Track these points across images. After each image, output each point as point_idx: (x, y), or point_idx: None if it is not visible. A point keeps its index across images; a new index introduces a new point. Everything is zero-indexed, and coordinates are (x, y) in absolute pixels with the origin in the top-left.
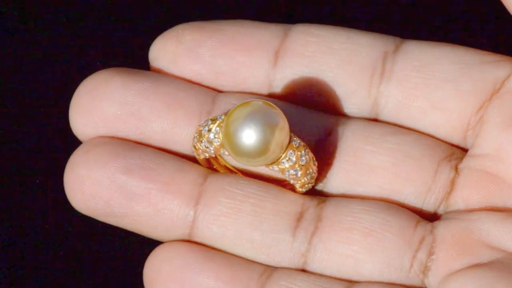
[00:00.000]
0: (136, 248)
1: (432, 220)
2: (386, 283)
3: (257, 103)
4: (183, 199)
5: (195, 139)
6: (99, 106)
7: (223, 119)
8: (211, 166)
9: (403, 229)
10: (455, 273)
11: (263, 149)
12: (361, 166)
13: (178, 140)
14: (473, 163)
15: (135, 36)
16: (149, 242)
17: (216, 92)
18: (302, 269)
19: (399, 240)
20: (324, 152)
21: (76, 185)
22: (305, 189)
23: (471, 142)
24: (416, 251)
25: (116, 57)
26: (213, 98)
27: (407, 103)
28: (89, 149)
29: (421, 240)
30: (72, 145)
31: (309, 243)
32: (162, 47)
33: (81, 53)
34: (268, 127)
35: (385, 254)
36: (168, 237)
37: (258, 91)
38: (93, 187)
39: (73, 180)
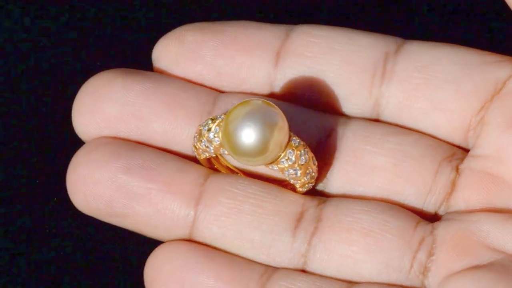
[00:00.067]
0: (137, 247)
1: (432, 220)
2: (385, 284)
3: (257, 102)
4: (184, 199)
5: (195, 138)
6: (101, 107)
7: (223, 118)
8: (212, 166)
9: (403, 230)
10: (455, 274)
11: (262, 149)
12: (361, 166)
13: (179, 140)
14: (474, 164)
15: (140, 36)
16: (150, 241)
17: (217, 92)
18: (302, 270)
19: (399, 240)
20: (324, 152)
21: (78, 185)
22: (306, 189)
23: (472, 142)
24: (415, 252)
25: (120, 58)
26: (214, 98)
27: (408, 104)
28: (91, 150)
29: (421, 241)
30: (76, 145)
31: (309, 244)
32: (164, 47)
33: (86, 53)
34: (267, 126)
35: (384, 254)
36: (168, 237)
37: (259, 91)
38: (94, 187)
39: (75, 180)
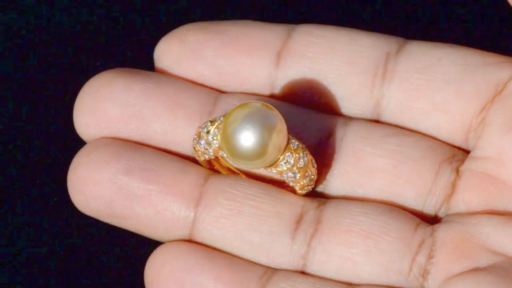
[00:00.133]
0: (137, 248)
1: (433, 222)
2: (385, 286)
3: (255, 104)
4: (184, 201)
5: (194, 140)
6: (102, 107)
7: (221, 120)
8: (212, 167)
9: (403, 232)
10: (455, 277)
11: (261, 152)
12: (361, 167)
13: (179, 141)
14: (475, 166)
15: (143, 35)
16: (151, 242)
17: (218, 92)
18: (301, 271)
19: (398, 243)
20: (325, 153)
21: (78, 186)
22: (305, 191)
23: (473, 144)
24: (415, 254)
25: (122, 57)
26: (215, 98)
27: (409, 105)
28: (92, 150)
29: (421, 243)
30: (78, 146)
31: (308, 246)
32: (166, 47)
33: (87, 53)
34: (265, 129)
35: (383, 257)
36: (168, 238)
37: (260, 91)
38: (94, 188)
39: (76, 181)
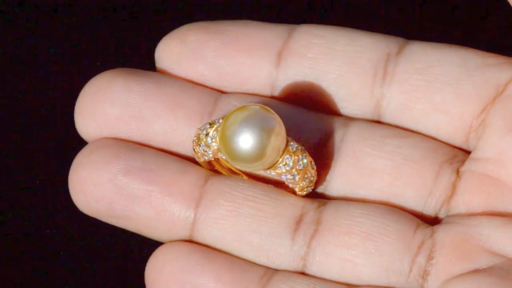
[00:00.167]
0: (138, 248)
1: (433, 224)
2: (385, 287)
3: (254, 107)
4: (184, 201)
5: (194, 142)
6: (102, 107)
7: (220, 123)
8: (213, 168)
9: (402, 233)
10: (455, 278)
11: (259, 154)
12: (361, 168)
13: (179, 141)
14: (475, 167)
15: (144, 35)
16: (151, 242)
17: (218, 93)
18: (301, 272)
19: (398, 244)
20: (325, 154)
21: (79, 186)
22: (305, 192)
23: (474, 145)
24: (415, 255)
25: (123, 58)
26: (215, 99)
27: (409, 105)
28: (92, 151)
29: (421, 244)
30: (79, 146)
31: (308, 247)
32: (167, 47)
33: (92, 53)
34: (264, 132)
35: (383, 258)
36: (169, 238)
37: (260, 92)
38: (95, 189)
39: (77, 181)
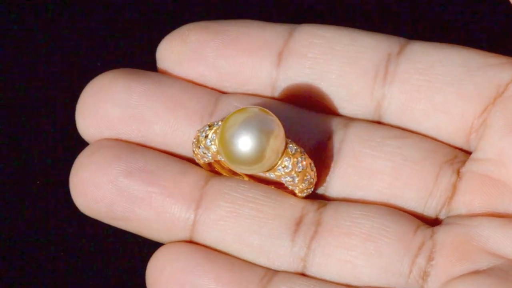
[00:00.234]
0: (138, 248)
1: (433, 224)
2: None
3: (253, 109)
4: (184, 202)
5: (193, 144)
6: (103, 108)
7: (220, 125)
8: (213, 169)
9: (402, 235)
10: (455, 279)
11: (258, 157)
12: (362, 169)
13: (180, 142)
14: (476, 167)
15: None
16: (152, 242)
17: (219, 93)
18: (301, 273)
19: (398, 245)
20: (325, 155)
21: (80, 188)
22: (305, 194)
23: (475, 145)
24: (415, 256)
25: (124, 58)
26: (216, 99)
27: (410, 106)
28: (93, 152)
29: (421, 245)
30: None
31: (308, 248)
32: (168, 47)
33: (93, 53)
34: (263, 134)
35: (383, 259)
36: (169, 239)
37: (261, 92)
38: (95, 190)
39: (78, 183)
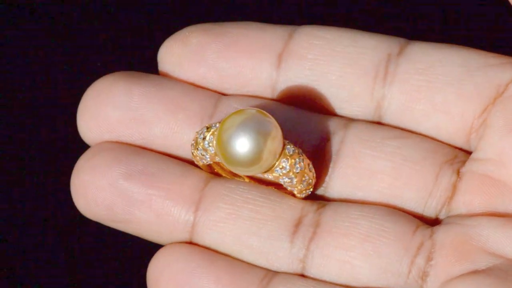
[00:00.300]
0: (139, 250)
1: (433, 225)
2: None
3: (250, 111)
4: (184, 205)
5: (192, 146)
6: (104, 111)
7: (217, 127)
8: (213, 170)
9: (401, 234)
10: (454, 279)
11: (256, 158)
12: (361, 170)
13: (180, 144)
14: (476, 167)
15: (147, 38)
16: (152, 244)
17: (219, 95)
18: (301, 274)
19: (397, 245)
20: (324, 155)
21: (80, 190)
22: (304, 195)
23: (475, 145)
24: (414, 256)
25: (125, 59)
26: (216, 101)
27: (410, 106)
28: (94, 155)
29: (420, 245)
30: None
31: (307, 249)
32: (169, 50)
33: (94, 56)
34: (260, 136)
35: (382, 259)
36: (169, 241)
37: (261, 93)
38: (96, 193)
39: (78, 185)
